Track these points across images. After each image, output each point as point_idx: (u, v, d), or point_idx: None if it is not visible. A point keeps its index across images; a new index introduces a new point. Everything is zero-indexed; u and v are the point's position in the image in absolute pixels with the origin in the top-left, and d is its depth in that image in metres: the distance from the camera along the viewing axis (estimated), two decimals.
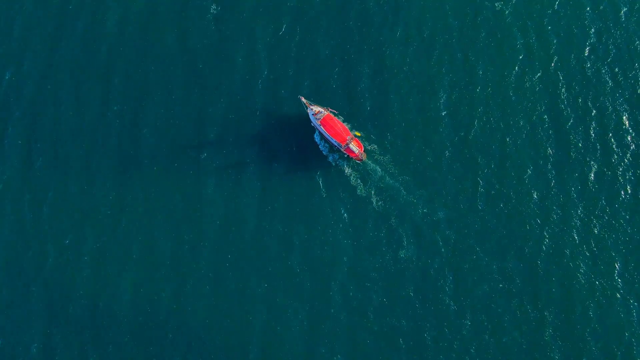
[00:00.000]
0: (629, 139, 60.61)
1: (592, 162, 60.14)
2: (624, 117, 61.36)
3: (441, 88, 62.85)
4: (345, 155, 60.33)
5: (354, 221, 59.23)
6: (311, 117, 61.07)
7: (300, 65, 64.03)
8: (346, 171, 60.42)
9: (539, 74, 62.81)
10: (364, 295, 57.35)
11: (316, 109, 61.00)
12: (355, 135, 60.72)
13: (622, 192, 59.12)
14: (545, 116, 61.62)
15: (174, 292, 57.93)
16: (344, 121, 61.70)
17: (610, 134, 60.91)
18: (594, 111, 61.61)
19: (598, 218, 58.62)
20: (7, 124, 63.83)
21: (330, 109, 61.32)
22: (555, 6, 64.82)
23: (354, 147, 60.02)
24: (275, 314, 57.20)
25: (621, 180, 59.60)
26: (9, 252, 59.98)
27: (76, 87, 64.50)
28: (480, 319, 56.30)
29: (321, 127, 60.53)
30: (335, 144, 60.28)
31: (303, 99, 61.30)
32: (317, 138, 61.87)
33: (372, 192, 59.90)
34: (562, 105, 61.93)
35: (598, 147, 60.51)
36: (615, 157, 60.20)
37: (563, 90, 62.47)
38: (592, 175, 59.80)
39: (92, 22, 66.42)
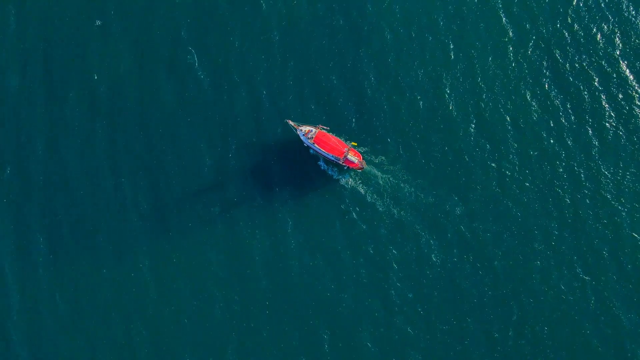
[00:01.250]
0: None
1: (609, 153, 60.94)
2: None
3: (439, 86, 62.99)
4: (346, 167, 59.97)
5: (383, 235, 58.95)
6: (303, 138, 60.32)
7: (298, 90, 63.20)
8: (361, 190, 59.99)
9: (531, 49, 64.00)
10: (420, 306, 57.56)
11: (305, 128, 60.34)
12: (352, 146, 60.28)
13: None
14: (549, 90, 62.70)
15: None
16: (328, 133, 60.66)
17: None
18: (596, 81, 62.83)
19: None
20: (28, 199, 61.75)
21: (321, 126, 60.68)
22: None
23: (353, 157, 59.57)
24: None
25: None
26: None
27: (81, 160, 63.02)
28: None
29: (315, 145, 59.85)
30: (333, 159, 59.70)
31: (290, 122, 60.49)
32: (323, 165, 61.16)
33: (391, 204, 59.63)
34: (566, 78, 62.89)
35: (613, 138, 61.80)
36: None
37: (561, 61, 63.67)
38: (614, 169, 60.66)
39: (82, 84, 64.80)
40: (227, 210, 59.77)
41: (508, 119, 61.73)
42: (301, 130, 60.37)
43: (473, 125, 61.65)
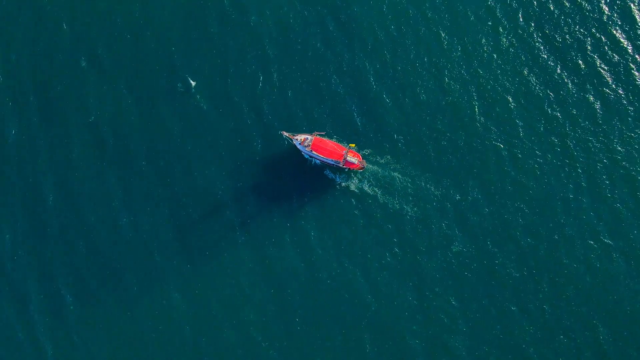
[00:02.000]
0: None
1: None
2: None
3: (437, 76, 63.36)
4: (347, 169, 59.72)
5: (403, 232, 59.05)
6: (300, 147, 59.90)
7: (299, 100, 63.05)
8: (371, 192, 59.94)
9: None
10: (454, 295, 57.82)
11: (301, 137, 59.93)
12: (350, 147, 59.91)
13: None
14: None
15: None
16: (324, 138, 60.60)
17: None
18: (589, 48, 63.64)
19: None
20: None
21: (316, 132, 60.43)
22: None
23: (352, 158, 59.43)
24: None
25: None
26: None
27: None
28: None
29: (314, 152, 59.52)
30: (334, 163, 59.47)
31: (285, 133, 60.08)
32: (330, 174, 60.82)
33: (403, 202, 59.79)
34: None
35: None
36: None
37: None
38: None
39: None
40: (247, 230, 59.35)
41: (510, 98, 62.32)
42: (297, 139, 59.92)
43: (477, 110, 62.13)
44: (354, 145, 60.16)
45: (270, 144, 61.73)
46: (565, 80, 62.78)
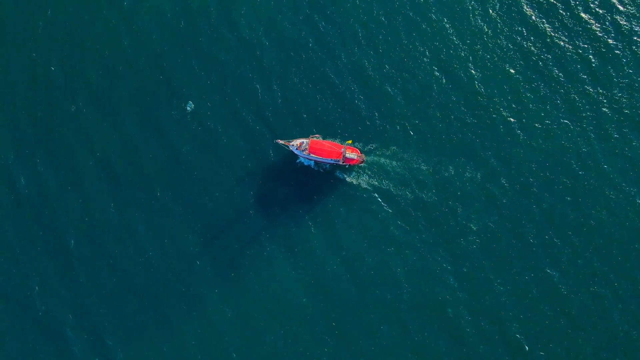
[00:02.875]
0: None
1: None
2: None
3: (425, 63, 63.92)
4: (347, 166, 59.72)
5: (420, 218, 59.41)
6: (297, 152, 59.57)
7: (300, 105, 63.21)
8: (384, 185, 60.19)
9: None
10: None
11: (297, 142, 59.60)
12: (347, 144, 59.99)
13: None
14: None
15: None
16: (320, 139, 60.55)
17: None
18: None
19: None
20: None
21: (312, 135, 60.27)
22: None
23: (351, 154, 59.45)
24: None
25: None
26: None
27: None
28: None
29: (312, 155, 59.21)
30: (333, 162, 59.36)
31: (280, 141, 59.63)
32: (340, 174, 60.62)
33: (417, 189, 60.06)
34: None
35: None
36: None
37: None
38: None
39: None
40: (274, 239, 59.29)
41: (507, 66, 63.37)
42: (293, 145, 59.59)
43: (477, 84, 62.97)
44: (350, 141, 60.33)
45: (279, 152, 61.65)
46: (557, 39, 64.04)
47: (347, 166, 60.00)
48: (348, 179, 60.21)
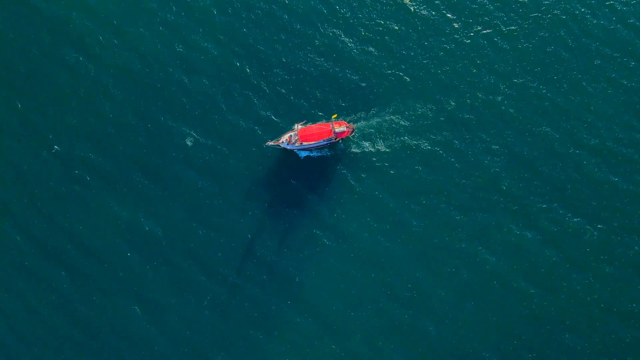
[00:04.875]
0: None
1: None
2: None
3: (395, 15, 66.32)
4: (340, 141, 60.26)
5: (458, 160, 61.76)
6: (291, 147, 59.54)
7: (293, 100, 64.13)
8: (397, 143, 61.94)
9: None
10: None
11: (285, 137, 59.64)
12: (333, 120, 60.63)
13: None
14: None
15: None
16: (306, 125, 61.16)
17: None
18: None
19: None
20: None
21: (298, 125, 60.31)
22: None
23: (340, 128, 59.83)
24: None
25: None
26: None
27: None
28: None
29: (304, 143, 59.30)
30: (327, 142, 59.70)
31: (270, 143, 59.64)
32: (346, 173, 61.30)
33: (434, 134, 62.19)
34: None
35: None
36: None
37: None
38: None
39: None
40: (329, 228, 60.29)
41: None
42: (282, 141, 59.65)
43: (448, 16, 65.69)
44: (335, 115, 61.13)
45: (287, 156, 62.31)
46: None
47: (339, 141, 60.62)
48: (367, 148, 61.58)
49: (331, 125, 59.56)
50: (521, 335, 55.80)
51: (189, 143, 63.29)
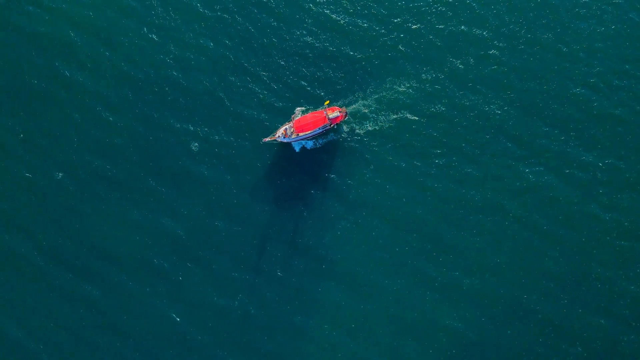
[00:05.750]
0: None
1: None
2: None
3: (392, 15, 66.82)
4: (335, 126, 60.57)
5: (467, 120, 62.82)
6: (287, 140, 59.57)
7: (297, 87, 64.40)
8: (384, 122, 62.72)
9: None
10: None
11: (280, 131, 59.52)
12: (326, 106, 60.91)
13: None
14: None
15: None
16: (300, 115, 61.19)
17: None
18: None
19: None
20: None
21: (292, 117, 60.41)
22: None
23: (334, 113, 59.96)
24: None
25: None
26: None
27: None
28: None
29: (301, 134, 59.23)
30: (323, 129, 59.79)
31: (266, 139, 59.62)
32: (358, 147, 61.86)
33: (442, 102, 63.36)
34: None
35: None
36: None
37: None
38: None
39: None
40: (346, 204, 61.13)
41: None
42: (278, 136, 59.54)
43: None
44: (327, 102, 61.47)
45: (287, 156, 62.62)
46: None
47: (335, 126, 60.86)
48: (370, 127, 62.31)
49: (325, 112, 59.62)
50: (552, 273, 57.68)
51: (194, 148, 63.25)
